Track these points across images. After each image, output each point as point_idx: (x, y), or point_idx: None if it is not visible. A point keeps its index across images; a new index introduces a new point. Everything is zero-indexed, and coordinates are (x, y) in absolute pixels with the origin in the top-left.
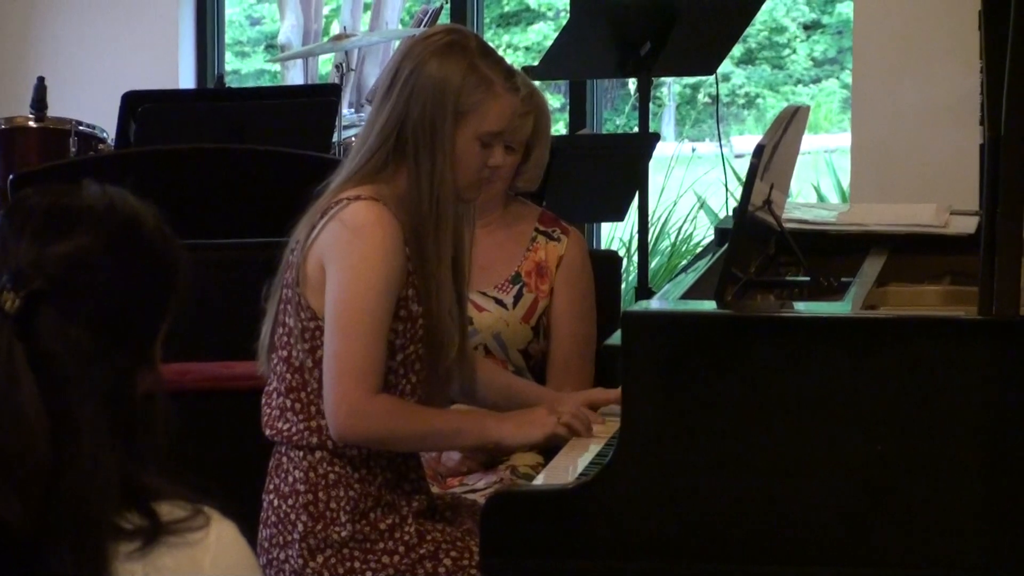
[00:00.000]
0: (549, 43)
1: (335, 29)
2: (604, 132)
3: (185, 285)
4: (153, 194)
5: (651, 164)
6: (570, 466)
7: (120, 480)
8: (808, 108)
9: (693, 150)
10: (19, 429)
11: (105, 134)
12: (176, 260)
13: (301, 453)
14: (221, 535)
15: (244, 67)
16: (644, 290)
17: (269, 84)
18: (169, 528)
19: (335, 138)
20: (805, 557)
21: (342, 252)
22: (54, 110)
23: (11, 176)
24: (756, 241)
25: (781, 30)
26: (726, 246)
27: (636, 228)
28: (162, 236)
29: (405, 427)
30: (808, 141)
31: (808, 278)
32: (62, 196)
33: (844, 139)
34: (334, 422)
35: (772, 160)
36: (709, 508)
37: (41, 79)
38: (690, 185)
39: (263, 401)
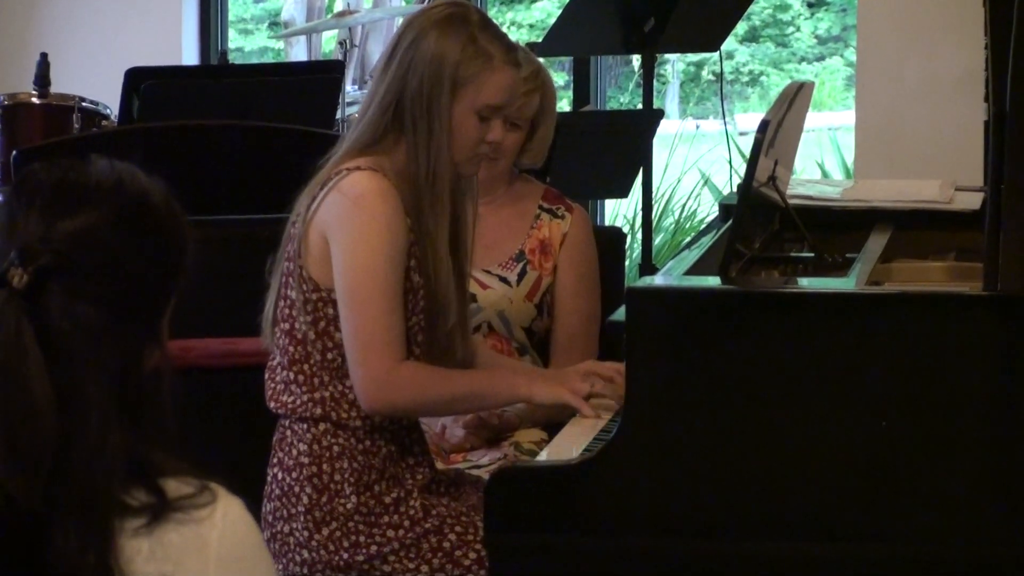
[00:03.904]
0: (553, 20)
1: (339, 6)
2: (608, 109)
3: (193, 262)
4: (157, 170)
5: (655, 141)
6: (574, 442)
7: (126, 456)
8: (813, 84)
9: (697, 127)
10: (26, 405)
11: (108, 110)
12: (184, 237)
13: (305, 425)
14: (228, 512)
15: (247, 44)
16: (648, 267)
17: (272, 61)
18: (176, 505)
19: (339, 115)
20: (809, 534)
21: (344, 223)
22: (57, 86)
23: (14, 152)
24: (760, 217)
25: (785, 7)
26: (730, 222)
27: (640, 205)
28: (171, 213)
29: (436, 391)
30: (812, 119)
31: (812, 254)
32: (70, 172)
33: (848, 116)
34: (364, 395)
35: (777, 136)
36: (712, 484)
37: (44, 55)
38: (694, 163)
39: (266, 376)
